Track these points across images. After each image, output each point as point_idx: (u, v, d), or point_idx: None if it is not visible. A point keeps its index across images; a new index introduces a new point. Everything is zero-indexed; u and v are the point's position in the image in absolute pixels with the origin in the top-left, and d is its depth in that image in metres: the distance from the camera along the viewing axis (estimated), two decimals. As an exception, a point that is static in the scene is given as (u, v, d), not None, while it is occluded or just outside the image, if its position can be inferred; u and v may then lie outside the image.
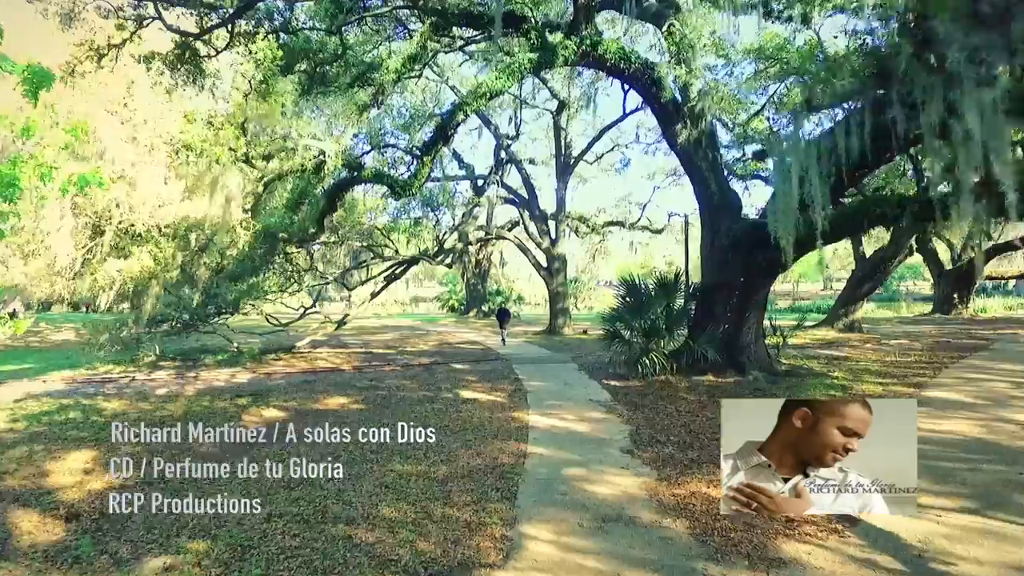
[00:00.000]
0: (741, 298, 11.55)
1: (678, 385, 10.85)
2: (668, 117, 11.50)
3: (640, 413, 8.84)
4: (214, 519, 5.56)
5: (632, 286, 12.02)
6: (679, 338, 11.86)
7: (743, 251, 11.29)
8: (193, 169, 7.90)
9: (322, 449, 7.29)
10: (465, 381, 11.90)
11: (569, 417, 8.74)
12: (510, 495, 5.74)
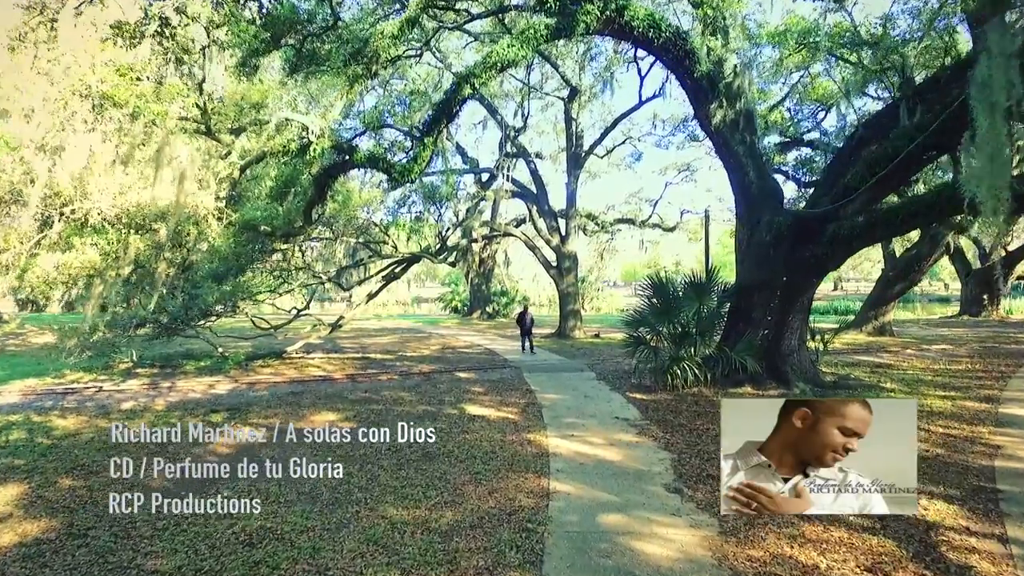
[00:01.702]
0: (783, 300, 10.21)
1: (714, 399, 9.50)
2: (702, 95, 10.15)
3: (678, 436, 7.50)
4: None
5: (659, 285, 10.67)
6: (710, 344, 10.50)
7: (786, 246, 9.96)
8: (130, 136, 6.57)
9: (299, 486, 5.96)
10: (471, 393, 10.57)
11: (595, 440, 7.40)
12: (534, 557, 4.42)
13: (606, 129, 21.46)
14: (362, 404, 9.75)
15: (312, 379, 12.21)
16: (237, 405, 9.76)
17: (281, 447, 7.34)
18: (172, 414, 9.19)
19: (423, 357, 15.96)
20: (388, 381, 12.03)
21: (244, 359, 14.10)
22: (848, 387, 10.25)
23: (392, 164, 8.91)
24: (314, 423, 8.52)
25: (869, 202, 9.37)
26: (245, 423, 8.54)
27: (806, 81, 22.45)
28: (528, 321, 16.87)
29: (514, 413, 8.97)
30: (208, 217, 8.49)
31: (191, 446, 7.41)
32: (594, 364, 13.92)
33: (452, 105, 8.80)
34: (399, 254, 16.70)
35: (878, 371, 12.27)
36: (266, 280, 14.13)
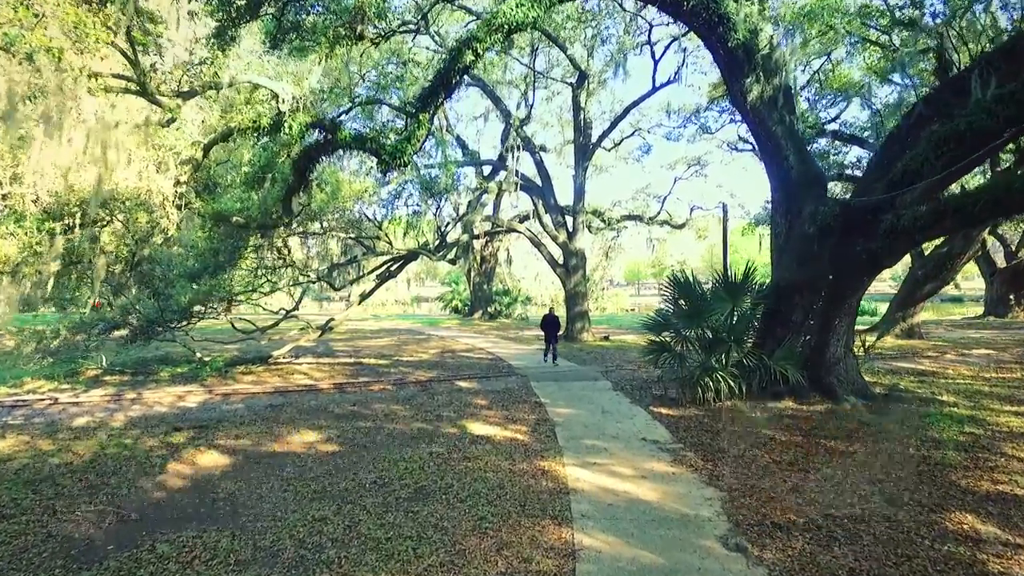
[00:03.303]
0: (828, 301, 8.97)
1: (753, 415, 8.28)
2: (737, 68, 8.90)
3: (722, 465, 6.26)
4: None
5: (685, 285, 9.43)
6: (745, 352, 9.26)
7: (833, 240, 8.72)
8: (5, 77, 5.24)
9: (257, 538, 4.71)
10: (473, 407, 9.35)
11: (622, 470, 6.17)
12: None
13: (616, 118, 20.20)
14: (348, 420, 8.53)
15: (296, 389, 10.98)
16: (206, 421, 8.54)
17: (245, 480, 6.11)
18: (129, 433, 7.97)
19: (420, 362, 14.74)
20: (380, 392, 10.80)
21: (224, 365, 12.87)
22: (902, 400, 9.01)
23: (382, 144, 7.67)
24: (289, 446, 7.29)
25: (933, 188, 8.14)
26: (210, 446, 7.31)
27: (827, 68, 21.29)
28: (554, 325, 14.38)
29: (523, 433, 7.74)
30: (165, 205, 7.28)
31: (137, 477, 6.18)
32: (608, 371, 12.68)
33: (451, 76, 7.56)
34: (395, 251, 15.46)
35: (925, 380, 11.03)
36: (247, 278, 12.89)
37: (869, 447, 6.77)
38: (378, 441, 7.44)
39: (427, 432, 7.81)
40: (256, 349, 15.80)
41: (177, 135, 7.32)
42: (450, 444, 7.22)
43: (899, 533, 4.53)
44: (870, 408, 8.46)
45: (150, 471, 6.38)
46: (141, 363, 13.69)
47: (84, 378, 11.97)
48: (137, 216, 7.07)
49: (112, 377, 12.15)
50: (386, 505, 5.31)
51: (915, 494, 5.31)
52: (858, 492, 5.40)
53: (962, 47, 14.52)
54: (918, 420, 7.88)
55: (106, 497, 5.62)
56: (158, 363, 13.69)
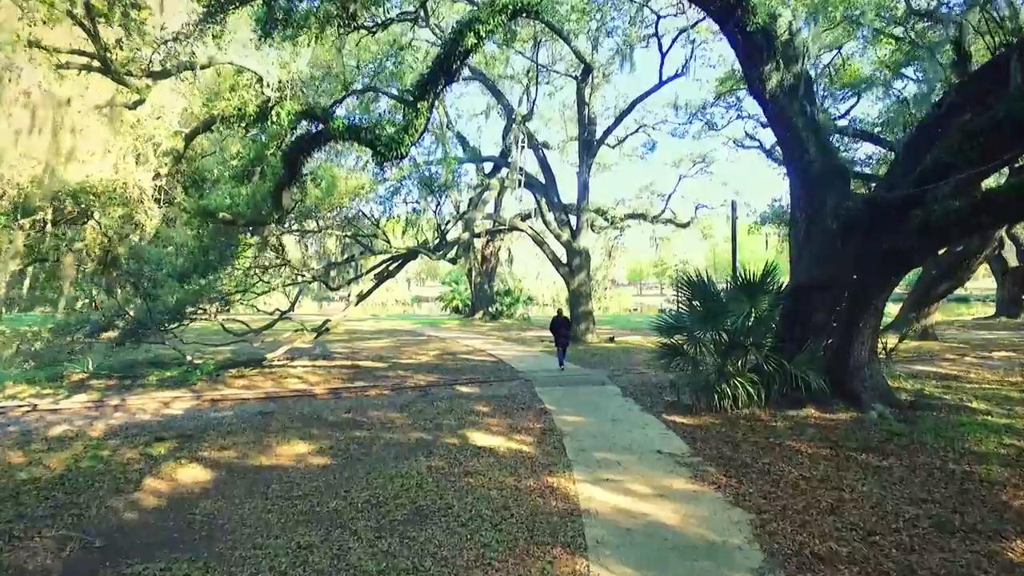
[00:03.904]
0: (852, 302, 8.45)
1: (774, 425, 7.75)
2: (756, 54, 8.38)
3: (748, 482, 5.73)
4: None
5: (699, 285, 8.91)
6: (764, 356, 8.72)
7: (858, 237, 8.20)
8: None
9: (235, 570, 4.19)
10: (475, 414, 8.83)
11: (638, 488, 5.65)
12: None
13: (622, 113, 19.67)
14: (343, 429, 8.02)
15: (289, 394, 10.48)
16: (191, 430, 8.03)
17: (226, 499, 5.59)
18: (107, 444, 7.47)
19: (420, 365, 14.23)
20: (377, 397, 10.30)
21: (215, 368, 12.37)
22: (931, 408, 8.48)
23: (378, 135, 7.16)
24: (278, 459, 6.77)
25: (967, 182, 7.60)
26: (192, 458, 6.80)
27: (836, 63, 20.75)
28: (565, 329, 13.54)
29: (529, 444, 7.22)
30: (143, 199, 6.77)
31: (109, 495, 5.67)
32: (615, 375, 12.17)
33: (452, 61, 7.05)
34: (393, 250, 14.94)
35: (950, 385, 10.51)
36: (240, 278, 12.38)
37: (905, 461, 6.24)
38: (373, 453, 6.92)
39: (426, 443, 7.30)
40: (250, 352, 15.30)
41: (157, 124, 6.82)
42: (450, 457, 6.70)
43: (958, 567, 4.00)
44: (898, 416, 7.93)
45: (124, 488, 5.87)
46: (130, 366, 13.17)
47: (68, 382, 11.46)
48: (110, 210, 6.56)
49: (98, 381, 11.64)
50: (379, 529, 4.80)
51: (966, 518, 4.79)
52: (902, 515, 4.87)
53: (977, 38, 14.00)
54: (952, 430, 7.35)
55: (72, 519, 5.11)
56: (148, 366, 13.18)
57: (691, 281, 9.01)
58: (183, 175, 9.41)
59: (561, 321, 13.68)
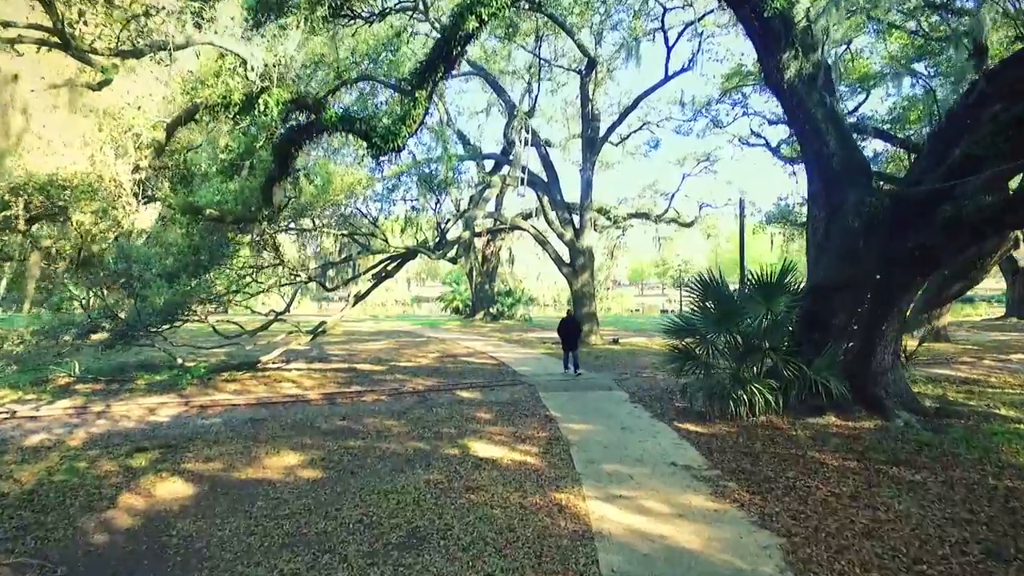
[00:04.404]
0: (875, 303, 8.01)
1: (794, 434, 7.30)
2: (772, 41, 7.94)
3: (773, 500, 5.28)
4: None
5: (714, 286, 8.47)
6: (783, 361, 8.27)
7: (882, 235, 7.76)
8: None
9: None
10: (476, 421, 8.39)
11: (654, 506, 5.20)
12: None
13: (626, 109, 19.23)
14: (336, 438, 7.57)
15: (282, 399, 10.03)
16: (175, 439, 7.59)
17: (207, 518, 5.14)
18: (85, 454, 7.02)
19: (419, 368, 13.78)
20: (374, 403, 9.85)
21: (206, 372, 11.93)
22: (958, 416, 8.03)
23: (373, 126, 6.71)
24: (266, 471, 6.33)
25: (999, 176, 7.17)
26: (174, 471, 6.35)
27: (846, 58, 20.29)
28: (574, 331, 12.79)
29: (534, 455, 6.77)
30: (121, 194, 6.33)
31: (80, 513, 5.22)
32: (622, 379, 11.72)
33: (452, 46, 6.61)
34: (392, 249, 14.50)
35: (972, 391, 10.07)
36: (232, 279, 11.94)
37: (940, 476, 5.79)
38: (367, 465, 6.47)
39: (424, 453, 6.85)
40: (245, 354, 14.87)
41: (136, 114, 6.39)
42: (450, 469, 6.26)
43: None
44: (925, 425, 7.48)
45: (97, 505, 5.42)
46: (119, 369, 12.73)
47: (53, 387, 11.03)
48: (82, 205, 6.13)
49: (84, 386, 11.20)
50: (372, 555, 4.35)
51: (1020, 542, 4.34)
52: (947, 539, 4.42)
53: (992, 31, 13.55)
54: (984, 440, 6.90)
55: (35, 542, 4.66)
56: (137, 369, 12.74)
57: (703, 281, 8.56)
58: (170, 169, 8.97)
59: (571, 323, 12.96)
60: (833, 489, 5.48)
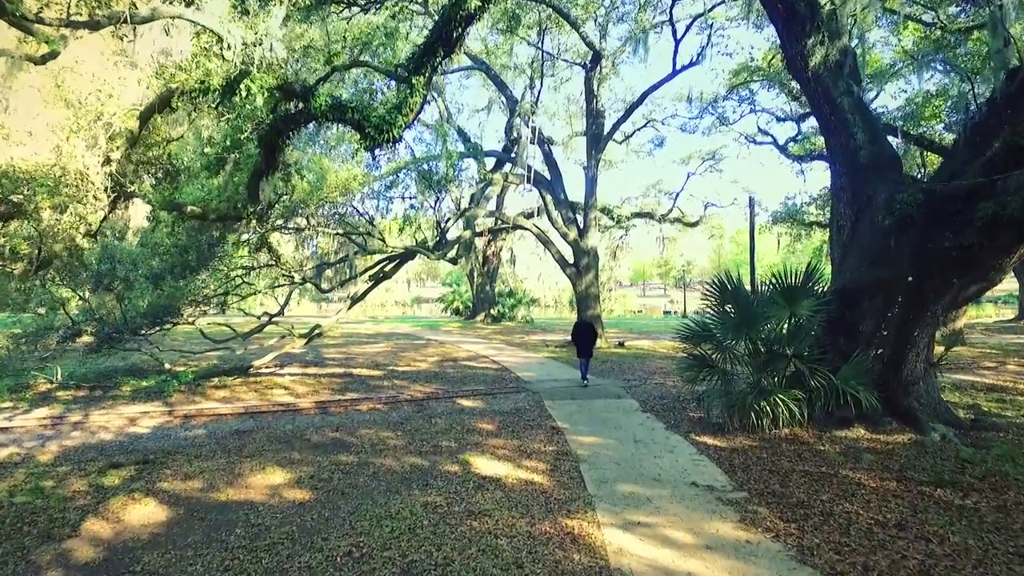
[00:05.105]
0: (907, 308, 7.46)
1: (822, 448, 6.75)
2: (797, 25, 7.39)
3: (811, 529, 4.72)
4: None
5: (732, 289, 7.92)
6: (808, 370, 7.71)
7: (915, 234, 7.22)
8: None
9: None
10: (477, 433, 7.84)
11: (678, 536, 4.64)
12: None
13: (632, 104, 18.66)
14: (327, 452, 7.03)
15: (272, 408, 9.49)
16: (154, 454, 7.05)
17: (178, 549, 4.59)
18: (55, 471, 6.48)
19: (418, 373, 13.23)
20: (369, 412, 9.30)
21: (195, 377, 11.38)
22: (996, 428, 7.48)
23: (367, 115, 6.18)
24: (248, 491, 5.78)
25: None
26: (148, 491, 5.81)
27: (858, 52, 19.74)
28: (590, 336, 11.59)
29: (541, 473, 6.22)
30: (89, 188, 5.79)
31: (36, 544, 4.67)
32: (632, 386, 11.16)
33: (453, 27, 6.08)
34: (390, 249, 13.95)
35: (1002, 399, 9.52)
36: (220, 279, 11.39)
37: (991, 500, 5.24)
38: (359, 485, 5.93)
39: (422, 471, 6.30)
40: (238, 358, 14.34)
41: (109, 101, 5.85)
42: (450, 490, 5.71)
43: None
44: (963, 439, 6.93)
45: (57, 533, 4.87)
46: (105, 375, 12.19)
47: (33, 394, 10.48)
48: (40, 200, 5.58)
49: (65, 393, 10.66)
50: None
51: (1103, 585, 3.79)
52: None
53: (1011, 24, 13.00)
54: None
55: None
56: (124, 375, 12.19)
57: (721, 284, 8.01)
58: (154, 164, 8.43)
59: (586, 328, 11.82)
60: (876, 516, 4.93)
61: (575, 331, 11.93)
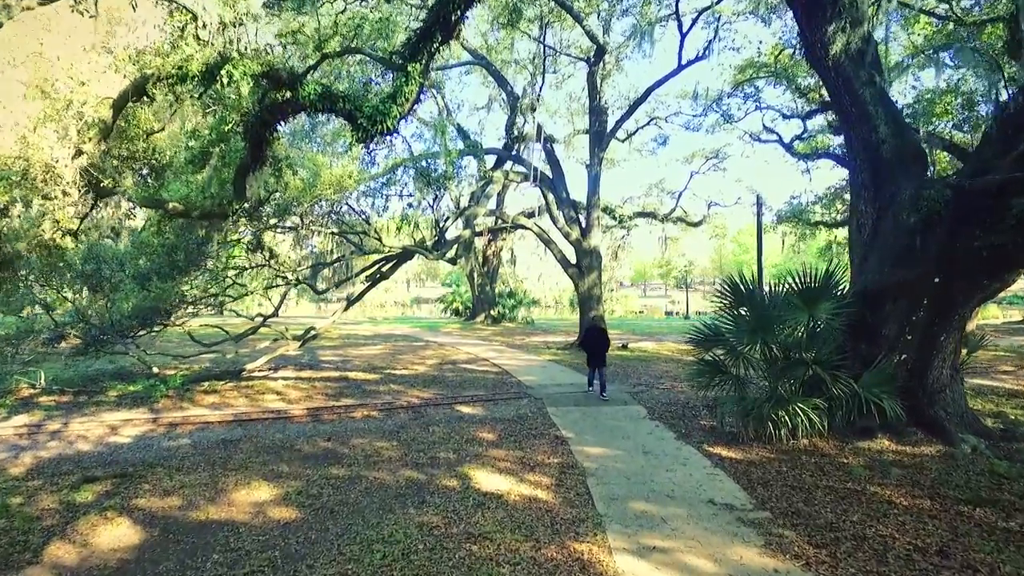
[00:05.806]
0: (932, 311, 7.05)
1: (845, 461, 6.33)
2: (818, 11, 6.97)
3: (844, 555, 4.29)
4: None
5: (746, 291, 7.49)
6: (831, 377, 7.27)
7: (942, 233, 6.80)
8: None
9: None
10: (478, 443, 7.41)
11: (697, 563, 4.23)
12: None
13: (636, 100, 18.22)
14: (318, 464, 6.60)
15: (262, 415, 9.06)
16: (134, 465, 6.63)
17: None
18: (25, 485, 6.06)
19: (415, 377, 12.80)
20: (364, 419, 8.88)
21: (184, 382, 10.95)
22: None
23: (359, 105, 5.77)
24: (231, 509, 5.36)
25: (1085, 164, 6.19)
26: (123, 508, 5.39)
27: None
28: (602, 343, 10.40)
29: (546, 487, 5.80)
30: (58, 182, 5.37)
31: None
32: (638, 391, 10.73)
33: (451, 10, 5.66)
34: (387, 249, 13.53)
35: None
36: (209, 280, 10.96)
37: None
38: (350, 502, 5.50)
39: (418, 485, 5.88)
40: (231, 361, 13.91)
41: (80, 89, 5.44)
42: (448, 508, 5.28)
43: None
44: (995, 451, 6.51)
45: (16, 560, 4.45)
46: (91, 379, 11.76)
47: (14, 399, 10.05)
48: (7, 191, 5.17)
49: (48, 398, 10.23)
50: (345, 641, 3.38)
51: None
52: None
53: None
54: (1071, 471, 5.92)
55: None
56: (111, 379, 11.76)
57: (734, 286, 7.58)
58: (138, 160, 8.01)
59: (599, 334, 10.56)
60: (913, 540, 4.50)
61: (586, 337, 10.81)
